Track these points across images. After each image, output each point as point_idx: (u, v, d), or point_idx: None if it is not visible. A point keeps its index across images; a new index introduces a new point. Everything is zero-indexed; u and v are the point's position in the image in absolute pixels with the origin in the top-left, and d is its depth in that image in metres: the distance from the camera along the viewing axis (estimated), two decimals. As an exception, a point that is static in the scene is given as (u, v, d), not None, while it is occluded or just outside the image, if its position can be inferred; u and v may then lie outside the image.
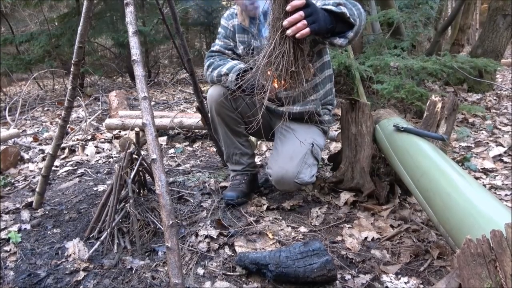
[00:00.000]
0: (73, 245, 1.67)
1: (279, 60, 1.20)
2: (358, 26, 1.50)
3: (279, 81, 1.28)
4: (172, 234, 1.20)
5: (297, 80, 1.25)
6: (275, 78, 1.26)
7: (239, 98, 1.93)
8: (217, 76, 1.85)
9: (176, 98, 5.70)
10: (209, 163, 2.74)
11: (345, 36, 1.49)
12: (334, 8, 1.39)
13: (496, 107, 4.02)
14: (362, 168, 1.92)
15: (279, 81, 1.28)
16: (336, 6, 1.44)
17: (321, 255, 1.34)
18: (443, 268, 1.41)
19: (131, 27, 1.36)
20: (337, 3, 1.46)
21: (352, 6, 1.50)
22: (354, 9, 1.49)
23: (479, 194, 1.24)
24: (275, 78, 1.26)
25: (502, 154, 2.61)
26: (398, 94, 3.24)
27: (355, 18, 1.48)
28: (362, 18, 1.53)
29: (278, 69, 1.21)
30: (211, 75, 1.90)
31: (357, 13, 1.50)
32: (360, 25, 1.53)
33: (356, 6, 1.52)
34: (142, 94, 1.30)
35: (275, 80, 1.28)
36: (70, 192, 2.32)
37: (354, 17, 1.47)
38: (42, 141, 3.64)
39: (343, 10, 1.41)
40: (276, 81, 1.29)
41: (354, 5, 1.51)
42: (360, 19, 1.51)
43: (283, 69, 1.20)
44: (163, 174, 1.25)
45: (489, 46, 4.61)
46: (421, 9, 4.21)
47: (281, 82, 1.27)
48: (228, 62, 1.84)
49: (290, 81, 1.25)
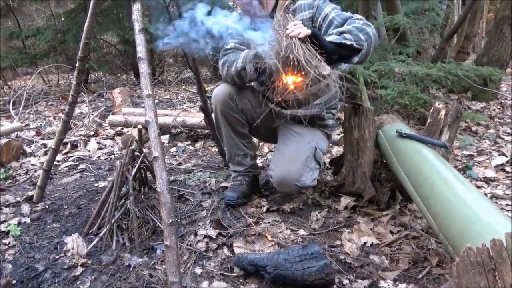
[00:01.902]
0: (72, 240, 1.67)
1: (289, 51, 1.25)
2: (366, 49, 1.52)
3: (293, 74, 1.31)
4: (171, 232, 1.20)
5: (310, 74, 1.27)
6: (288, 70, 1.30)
7: (244, 98, 1.92)
8: (236, 74, 1.79)
9: (179, 97, 5.71)
10: (210, 163, 2.74)
11: (351, 61, 1.51)
12: (335, 38, 1.43)
13: (500, 116, 4.01)
14: (363, 173, 1.91)
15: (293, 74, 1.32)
16: (340, 34, 1.47)
17: (320, 259, 1.34)
18: (441, 276, 1.40)
19: (137, 24, 1.37)
20: (341, 32, 1.49)
21: (359, 31, 1.51)
22: (361, 34, 1.50)
23: (480, 203, 1.23)
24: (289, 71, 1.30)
25: (504, 163, 2.60)
26: (401, 100, 3.24)
27: (362, 43, 1.49)
28: (371, 41, 1.54)
29: (290, 57, 1.25)
30: (228, 73, 1.83)
31: (364, 38, 1.51)
32: (369, 48, 1.54)
33: (364, 31, 1.52)
34: (146, 91, 1.31)
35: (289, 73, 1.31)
36: (70, 187, 2.32)
37: (360, 43, 1.49)
38: (44, 136, 3.66)
39: (343, 41, 1.44)
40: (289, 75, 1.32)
41: (361, 30, 1.52)
42: (368, 43, 1.52)
43: (295, 59, 1.25)
44: (164, 172, 1.25)
45: (495, 55, 4.60)
46: (428, 15, 4.20)
47: (296, 74, 1.30)
48: (240, 55, 1.78)
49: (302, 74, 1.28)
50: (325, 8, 1.71)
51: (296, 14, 1.79)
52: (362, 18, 1.62)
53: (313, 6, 1.75)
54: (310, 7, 1.76)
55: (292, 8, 1.80)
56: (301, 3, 1.78)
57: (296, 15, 1.79)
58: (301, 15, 1.78)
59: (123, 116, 3.60)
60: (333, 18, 1.66)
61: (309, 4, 1.76)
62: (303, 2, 1.79)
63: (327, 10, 1.70)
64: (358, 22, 1.57)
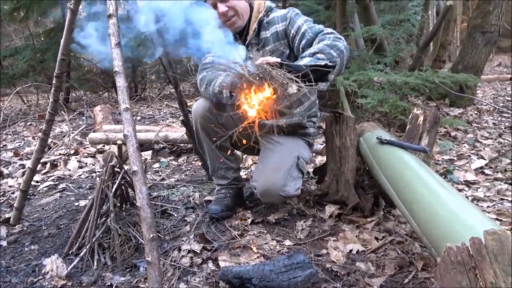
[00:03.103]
0: (51, 261, 1.61)
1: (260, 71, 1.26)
2: (339, 64, 1.56)
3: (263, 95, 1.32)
4: (152, 248, 1.17)
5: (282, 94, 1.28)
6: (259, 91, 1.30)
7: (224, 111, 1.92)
8: (213, 95, 1.78)
9: (162, 112, 5.67)
10: (194, 177, 2.71)
11: (327, 80, 1.54)
12: (308, 60, 1.46)
13: (477, 121, 4.11)
14: (346, 180, 1.92)
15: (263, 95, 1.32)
16: (313, 55, 1.49)
17: (305, 268, 1.32)
18: (427, 279, 1.40)
19: (113, 38, 1.36)
20: (313, 53, 1.52)
21: (331, 48, 1.54)
22: (333, 51, 1.54)
23: (461, 205, 1.24)
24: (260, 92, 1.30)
25: (483, 166, 2.65)
26: (382, 108, 3.29)
27: (334, 59, 1.53)
28: (343, 55, 1.57)
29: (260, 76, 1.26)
30: (206, 92, 1.82)
31: (336, 54, 1.54)
32: (342, 62, 1.59)
33: (336, 47, 1.56)
34: (123, 105, 1.29)
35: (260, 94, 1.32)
36: (50, 208, 2.26)
37: (333, 60, 1.52)
38: (23, 156, 3.56)
39: (317, 62, 1.46)
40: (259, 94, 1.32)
41: (332, 47, 1.55)
42: (341, 58, 1.56)
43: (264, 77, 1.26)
44: (144, 187, 1.22)
45: (469, 62, 4.74)
46: (403, 26, 4.33)
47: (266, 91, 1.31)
48: (217, 77, 1.78)
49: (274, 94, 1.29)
50: (298, 20, 1.76)
51: (270, 27, 1.82)
52: (332, 31, 1.66)
53: (286, 19, 1.79)
54: (283, 19, 1.80)
55: (266, 21, 1.83)
56: (275, 16, 1.82)
57: (270, 27, 1.82)
58: (275, 27, 1.81)
59: (104, 134, 3.55)
60: (305, 30, 1.70)
61: (282, 16, 1.80)
62: (276, 15, 1.82)
63: (300, 22, 1.75)
64: (329, 37, 1.61)
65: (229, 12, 1.75)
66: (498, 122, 4.04)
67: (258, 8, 1.83)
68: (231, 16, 1.76)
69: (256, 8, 1.84)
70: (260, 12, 1.82)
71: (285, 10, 1.84)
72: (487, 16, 4.58)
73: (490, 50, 4.99)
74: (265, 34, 1.83)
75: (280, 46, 1.82)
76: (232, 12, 1.76)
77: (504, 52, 15.50)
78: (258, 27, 1.83)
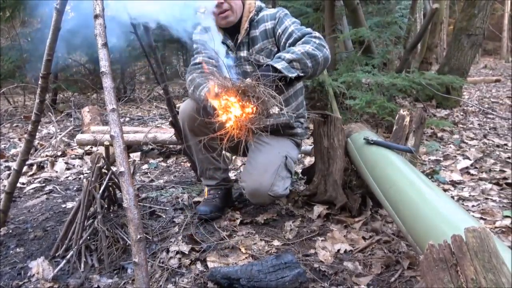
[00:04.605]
0: (37, 264, 1.59)
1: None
2: (310, 73, 1.61)
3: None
4: (140, 249, 1.17)
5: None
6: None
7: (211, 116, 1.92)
8: (200, 101, 1.79)
9: (151, 114, 5.64)
10: (183, 178, 2.70)
11: (292, 85, 1.60)
12: (284, 66, 1.51)
13: (463, 122, 4.18)
14: (334, 181, 1.93)
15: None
16: (290, 62, 1.54)
17: (293, 268, 1.33)
18: (413, 278, 1.42)
19: (100, 39, 1.35)
20: (290, 60, 1.55)
21: (309, 57, 1.58)
22: (309, 61, 1.57)
23: (445, 204, 1.27)
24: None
25: (469, 166, 2.70)
26: (370, 109, 3.33)
27: (307, 70, 1.57)
28: (317, 66, 1.62)
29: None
30: (193, 95, 1.83)
31: (312, 64, 1.58)
32: (315, 72, 1.65)
33: (314, 57, 1.59)
34: (110, 106, 1.28)
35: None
36: (36, 210, 2.23)
37: (305, 70, 1.57)
38: (9, 158, 3.51)
39: (290, 74, 1.51)
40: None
41: (311, 56, 1.58)
42: (315, 69, 1.61)
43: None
44: (131, 187, 1.22)
45: (455, 64, 4.82)
46: (391, 28, 4.39)
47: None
48: (206, 85, 1.76)
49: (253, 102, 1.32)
50: (285, 21, 1.79)
51: (259, 25, 1.84)
52: (320, 37, 1.69)
53: (275, 18, 1.82)
54: (272, 18, 1.83)
55: (256, 19, 1.85)
56: (264, 14, 1.85)
57: (259, 26, 1.84)
58: (264, 25, 1.83)
59: (92, 135, 3.51)
60: (292, 31, 1.73)
61: (271, 15, 1.83)
62: (265, 13, 1.85)
63: (287, 23, 1.78)
64: (314, 42, 1.63)
65: (224, 5, 1.76)
66: (483, 123, 4.12)
67: (249, 8, 1.86)
68: (225, 9, 1.78)
69: (247, 8, 1.86)
70: (251, 11, 1.85)
71: (274, 10, 1.87)
72: (472, 19, 4.66)
73: (476, 52, 5.09)
74: (254, 32, 1.85)
75: (269, 44, 1.84)
76: (227, 6, 1.78)
77: (489, 55, 15.78)
78: (249, 26, 1.85)
